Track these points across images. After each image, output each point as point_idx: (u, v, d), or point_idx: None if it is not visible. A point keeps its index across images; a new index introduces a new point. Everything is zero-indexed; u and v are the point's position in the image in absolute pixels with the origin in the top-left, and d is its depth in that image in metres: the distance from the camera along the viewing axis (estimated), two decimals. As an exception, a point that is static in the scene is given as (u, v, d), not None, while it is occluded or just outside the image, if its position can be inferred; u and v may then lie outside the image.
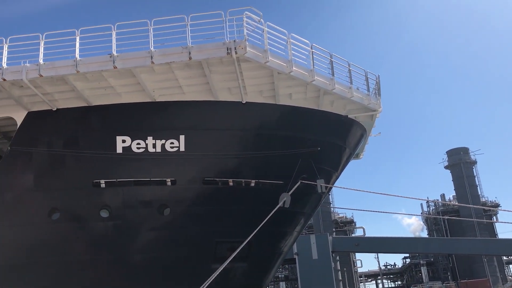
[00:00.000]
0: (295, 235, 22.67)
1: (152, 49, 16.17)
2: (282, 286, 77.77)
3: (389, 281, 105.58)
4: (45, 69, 16.40)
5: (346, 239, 62.08)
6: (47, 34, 16.83)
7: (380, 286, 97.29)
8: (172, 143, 17.94)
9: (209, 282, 16.12)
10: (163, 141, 17.91)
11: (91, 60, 16.43)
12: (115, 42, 16.35)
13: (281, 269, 71.88)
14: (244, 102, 18.10)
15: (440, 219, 75.58)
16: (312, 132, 19.61)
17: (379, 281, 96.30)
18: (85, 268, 18.16)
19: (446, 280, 73.99)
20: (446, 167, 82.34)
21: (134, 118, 18.06)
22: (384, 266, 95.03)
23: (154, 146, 17.89)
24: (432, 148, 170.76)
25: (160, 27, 16.49)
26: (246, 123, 18.63)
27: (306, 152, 19.15)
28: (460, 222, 71.88)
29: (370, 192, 24.33)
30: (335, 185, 23.06)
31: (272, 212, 17.97)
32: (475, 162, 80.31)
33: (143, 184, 18.13)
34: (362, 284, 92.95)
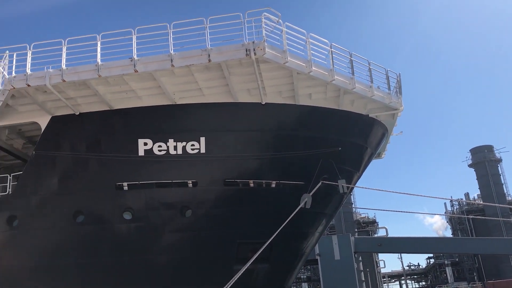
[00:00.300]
0: (317, 236, 22.55)
1: (172, 52, 16.31)
2: (305, 287, 77.52)
3: (413, 281, 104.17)
4: (67, 74, 16.70)
5: (369, 240, 61.42)
6: (70, 39, 17.13)
7: (404, 287, 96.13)
8: (192, 145, 18.04)
9: (231, 283, 16.15)
10: (184, 143, 18.03)
11: (112, 65, 16.67)
12: (136, 46, 16.56)
13: (303, 270, 71.61)
14: (263, 103, 18.10)
15: (464, 218, 74.22)
16: (332, 132, 19.48)
17: (403, 281, 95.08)
18: (108, 269, 18.39)
19: (472, 281, 72.60)
20: (470, 166, 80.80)
21: (155, 121, 18.22)
22: (407, 266, 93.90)
23: (175, 148, 18.03)
24: (456, 146, 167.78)
25: (179, 30, 16.62)
26: (266, 124, 18.62)
27: (327, 152, 19.03)
28: (486, 222, 70.41)
29: (392, 192, 23.88)
30: (356, 185, 22.87)
31: (294, 213, 17.91)
32: (500, 160, 78.60)
33: (165, 186, 18.28)
34: (386, 284, 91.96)
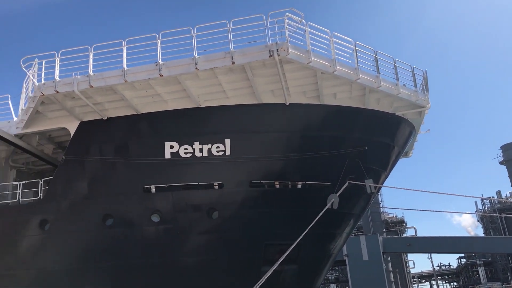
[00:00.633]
0: (344, 236, 22.32)
1: (196, 55, 16.44)
2: (333, 288, 76.88)
3: (444, 282, 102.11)
4: (95, 80, 17.01)
5: (397, 240, 60.59)
6: (96, 46, 17.44)
7: (435, 287, 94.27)
8: (218, 147, 18.14)
9: (259, 284, 16.14)
10: (209, 145, 18.14)
11: (138, 70, 16.91)
12: (160, 51, 16.75)
13: (331, 271, 71.09)
14: (287, 104, 18.04)
15: (496, 217, 72.38)
16: (359, 132, 19.28)
17: (433, 282, 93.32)
18: (138, 272, 18.62)
19: (506, 281, 70.64)
20: (501, 163, 78.83)
21: (181, 124, 18.38)
22: (438, 266, 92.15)
23: (201, 150, 18.15)
24: (485, 143, 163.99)
25: (202, 34, 16.75)
26: (291, 124, 18.56)
27: (353, 152, 18.84)
28: (519, 220, 68.54)
29: (420, 191, 23.48)
30: (384, 184, 22.57)
31: (320, 214, 17.79)
32: (533, 156, 76.42)
33: (192, 188, 18.39)
34: (416, 285, 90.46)
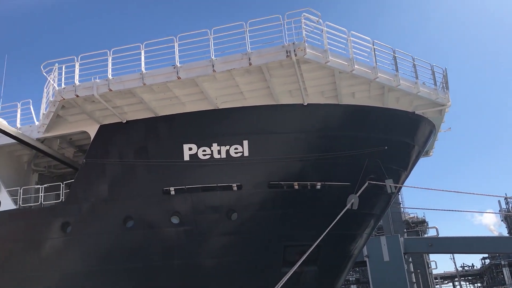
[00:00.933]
0: (365, 237, 22.13)
1: (213, 57, 16.48)
2: (353, 289, 76.21)
3: (467, 283, 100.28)
4: (114, 83, 17.17)
5: (419, 240, 59.77)
6: (115, 49, 17.62)
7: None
8: (236, 148, 18.14)
9: (280, 285, 16.07)
10: (227, 147, 18.16)
11: (156, 72, 17.02)
12: (178, 54, 16.83)
13: (351, 272, 70.49)
14: (305, 104, 17.96)
15: (522, 216, 70.86)
16: (378, 131, 19.08)
17: (457, 283, 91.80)
18: (158, 273, 18.74)
19: (531, 282, 69.11)
20: (525, 161, 77.18)
21: (199, 126, 18.45)
22: (461, 267, 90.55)
23: (219, 152, 18.18)
24: (509, 141, 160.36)
25: (219, 36, 16.77)
26: (309, 125, 18.46)
27: (373, 152, 18.64)
28: (545, 219, 67.00)
29: (442, 190, 22.99)
30: (404, 184, 22.30)
31: (340, 214, 17.65)
32: (558, 154, 74.67)
33: (211, 190, 18.44)
34: (438, 286, 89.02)
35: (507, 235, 79.81)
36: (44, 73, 18.34)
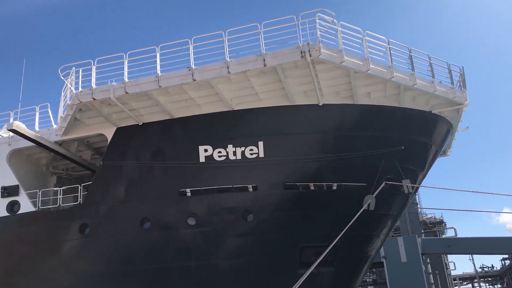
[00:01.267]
0: (382, 238, 21.95)
1: (227, 59, 16.52)
2: (370, 290, 75.59)
3: (487, 284, 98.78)
4: (130, 86, 17.31)
5: (437, 241, 59.08)
6: (130, 53, 17.78)
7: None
8: (251, 149, 18.16)
9: (296, 286, 16.03)
10: (242, 148, 18.18)
11: (171, 75, 17.13)
12: (193, 56, 16.91)
13: (368, 273, 69.95)
14: (320, 105, 17.90)
15: (542, 216, 69.55)
16: (394, 131, 18.92)
17: (476, 284, 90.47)
18: (175, 275, 18.83)
19: (553, 283, 67.82)
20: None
21: (214, 128, 18.50)
22: (480, 268, 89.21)
23: (235, 153, 18.21)
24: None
25: (234, 37, 16.80)
26: (325, 125, 18.39)
27: (389, 152, 18.48)
28: None
29: (459, 190, 22.69)
30: (422, 184, 22.07)
31: (357, 215, 17.54)
32: None
33: (226, 191, 18.48)
34: (457, 287, 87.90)
35: (528, 235, 78.40)
36: (61, 76, 18.60)
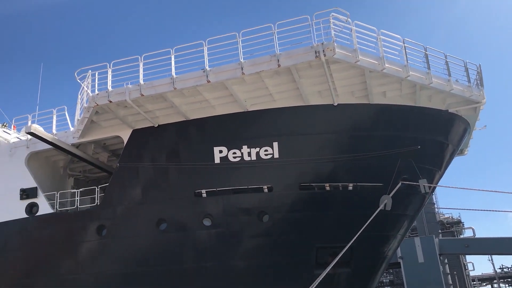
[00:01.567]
0: (398, 238, 21.75)
1: (242, 60, 16.55)
2: (387, 291, 75.01)
3: (506, 285, 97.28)
4: (145, 88, 17.47)
5: (454, 241, 58.37)
6: (146, 55, 17.92)
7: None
8: (266, 150, 18.15)
9: (313, 287, 15.97)
10: (257, 149, 18.19)
11: (186, 77, 17.23)
12: (207, 57, 16.98)
13: (385, 273, 69.44)
14: (335, 105, 17.82)
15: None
16: (411, 130, 18.75)
17: (495, 285, 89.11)
18: (191, 276, 18.91)
19: None
20: None
21: (229, 129, 18.56)
22: (499, 268, 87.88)
23: (249, 154, 18.23)
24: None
25: (248, 38, 16.82)
26: (340, 125, 18.30)
27: (405, 152, 18.31)
28: None
29: (477, 190, 22.25)
30: (439, 184, 21.82)
31: (373, 215, 17.41)
32: None
33: (241, 192, 18.51)
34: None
35: (548, 235, 76.99)
36: (78, 80, 18.81)
